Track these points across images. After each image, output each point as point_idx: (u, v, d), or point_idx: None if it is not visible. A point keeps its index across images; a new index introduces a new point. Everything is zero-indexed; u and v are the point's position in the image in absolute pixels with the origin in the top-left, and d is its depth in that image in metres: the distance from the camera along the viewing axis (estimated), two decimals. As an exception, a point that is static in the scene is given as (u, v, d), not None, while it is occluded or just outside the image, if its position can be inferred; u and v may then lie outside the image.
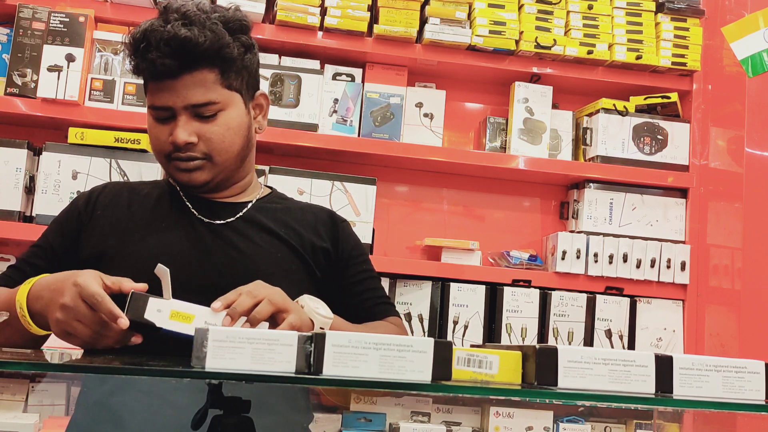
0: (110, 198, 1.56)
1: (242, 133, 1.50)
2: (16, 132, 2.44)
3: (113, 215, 1.52)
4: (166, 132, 1.46)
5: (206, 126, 1.45)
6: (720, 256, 2.49)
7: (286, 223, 1.55)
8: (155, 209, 1.53)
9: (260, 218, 1.54)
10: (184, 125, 1.44)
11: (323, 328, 1.27)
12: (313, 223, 1.57)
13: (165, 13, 1.44)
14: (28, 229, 2.24)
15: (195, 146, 1.45)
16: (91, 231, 1.51)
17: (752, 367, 0.97)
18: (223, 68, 1.46)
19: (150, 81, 1.46)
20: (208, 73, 1.44)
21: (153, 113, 1.47)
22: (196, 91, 1.43)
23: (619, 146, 2.60)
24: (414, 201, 2.72)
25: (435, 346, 0.91)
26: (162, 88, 1.44)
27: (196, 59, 1.42)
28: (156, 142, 1.48)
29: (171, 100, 1.44)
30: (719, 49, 2.60)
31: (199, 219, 1.50)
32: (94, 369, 1.00)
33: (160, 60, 1.40)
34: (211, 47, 1.42)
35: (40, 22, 2.35)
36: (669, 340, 2.55)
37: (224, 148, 1.47)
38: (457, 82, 2.75)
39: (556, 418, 2.46)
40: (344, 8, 2.49)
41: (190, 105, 1.43)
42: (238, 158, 1.51)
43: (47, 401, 2.27)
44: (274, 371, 0.87)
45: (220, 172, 1.49)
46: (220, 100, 1.45)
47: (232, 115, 1.48)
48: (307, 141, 2.45)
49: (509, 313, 2.48)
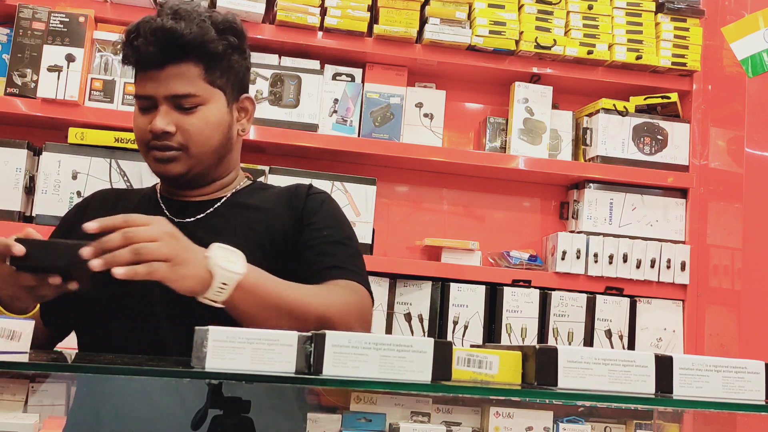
0: (99, 204, 1.61)
1: (221, 130, 1.52)
2: (16, 132, 2.44)
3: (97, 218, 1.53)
4: (147, 121, 1.49)
5: (185, 118, 1.48)
6: (720, 256, 2.49)
7: (256, 216, 1.53)
8: (133, 211, 1.53)
9: (230, 213, 1.55)
10: (164, 115, 1.47)
11: (226, 284, 1.23)
12: (283, 206, 1.55)
13: (160, 10, 1.50)
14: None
15: (172, 136, 1.48)
16: (76, 237, 1.51)
17: (752, 367, 0.97)
18: (208, 64, 1.49)
19: (137, 70, 1.51)
20: (192, 67, 1.48)
21: (138, 102, 1.52)
22: (178, 82, 1.47)
23: (619, 146, 2.60)
24: (414, 201, 2.72)
25: (435, 346, 0.91)
26: (146, 78, 1.48)
27: (180, 51, 1.46)
28: (138, 131, 1.52)
29: (153, 89, 1.48)
30: (719, 49, 2.60)
31: (170, 218, 1.51)
32: (94, 369, 1.01)
33: (144, 47, 1.45)
34: (194, 40, 1.46)
35: (40, 22, 2.35)
36: (669, 341, 2.55)
37: (201, 141, 1.49)
38: (457, 82, 2.75)
39: (556, 418, 2.46)
40: (344, 8, 2.49)
41: (171, 95, 1.47)
42: (215, 154, 1.53)
43: (47, 401, 2.27)
44: (274, 371, 0.87)
45: (195, 165, 1.51)
46: (201, 94, 1.49)
47: (212, 110, 1.51)
48: (307, 141, 2.45)
49: (509, 313, 2.48)
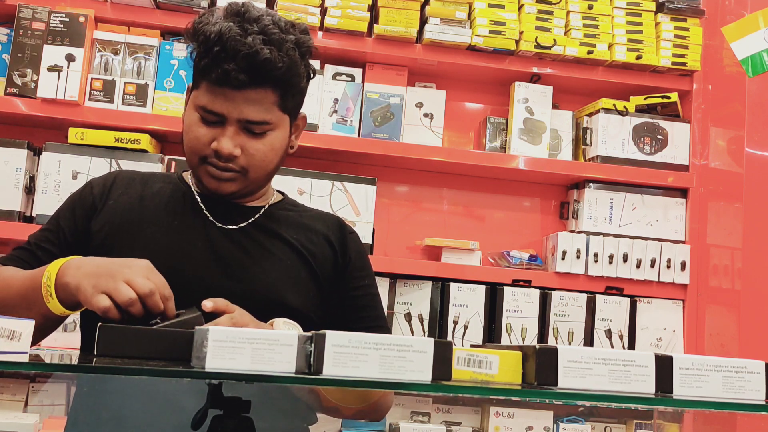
0: (123, 188, 1.54)
1: (281, 154, 1.50)
2: (16, 132, 2.44)
3: (125, 206, 1.51)
4: (210, 136, 1.42)
5: (252, 142, 1.43)
6: (720, 256, 2.49)
7: (297, 231, 1.55)
8: (167, 206, 1.52)
9: (272, 225, 1.53)
10: (232, 136, 1.41)
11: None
12: (322, 232, 1.57)
13: (240, 20, 1.39)
14: (28, 229, 2.24)
15: (236, 159, 1.43)
16: (103, 219, 1.49)
17: (752, 367, 0.97)
18: (285, 91, 1.43)
19: (209, 83, 1.41)
20: (270, 94, 1.41)
21: (200, 113, 1.43)
22: (255, 108, 1.40)
23: (619, 146, 2.60)
24: (414, 201, 2.72)
25: (435, 346, 0.91)
26: (220, 94, 1.39)
27: (266, 79, 1.39)
28: (195, 142, 1.44)
29: (227, 109, 1.40)
30: (719, 49, 2.60)
31: (212, 222, 1.50)
32: (94, 369, 1.00)
33: (234, 74, 1.36)
34: (286, 73, 1.40)
35: (40, 22, 2.35)
36: (669, 340, 2.55)
37: (262, 167, 1.46)
38: (457, 82, 2.75)
39: (556, 418, 2.46)
40: (344, 8, 2.49)
41: (244, 120, 1.41)
42: (269, 176, 1.51)
43: (47, 401, 2.27)
44: (274, 371, 0.87)
45: (248, 186, 1.48)
46: (274, 121, 1.44)
47: (278, 136, 1.46)
48: (307, 141, 2.45)
49: (509, 313, 2.49)
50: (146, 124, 2.37)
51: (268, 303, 1.42)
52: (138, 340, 1.02)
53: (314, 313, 1.49)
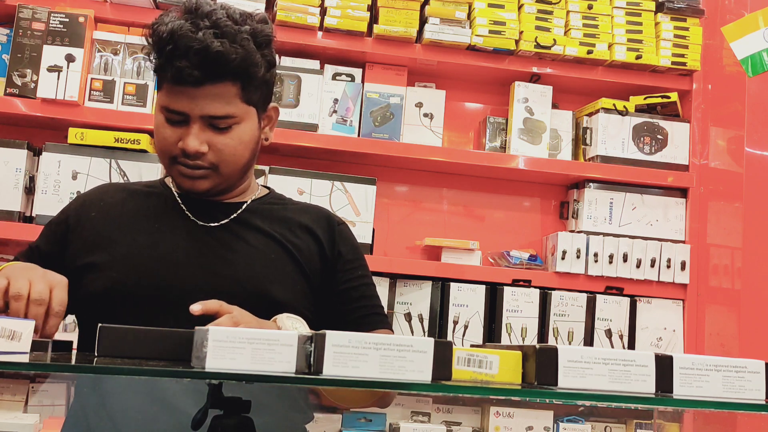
0: (103, 198, 1.56)
1: (251, 147, 1.49)
2: (16, 132, 2.44)
3: (107, 213, 1.52)
4: (176, 135, 1.43)
5: (219, 137, 1.43)
6: (720, 255, 2.49)
7: (281, 225, 1.54)
8: (149, 209, 1.53)
9: (254, 220, 1.53)
10: (197, 134, 1.42)
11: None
12: (308, 225, 1.56)
13: (193, 16, 1.40)
14: (27, 229, 2.24)
15: (204, 155, 1.43)
16: (80, 233, 1.51)
17: (752, 366, 0.97)
18: (246, 83, 1.43)
19: (168, 83, 1.42)
20: (230, 87, 1.41)
21: (165, 114, 1.44)
22: (216, 103, 1.41)
23: (619, 146, 2.60)
24: (414, 201, 2.72)
25: (435, 346, 0.91)
26: (180, 93, 1.40)
27: (222, 72, 1.39)
28: (164, 143, 1.45)
29: (188, 107, 1.41)
30: (719, 48, 2.60)
31: (194, 221, 1.50)
32: (94, 369, 1.00)
33: (188, 70, 1.36)
34: (241, 64, 1.40)
35: (40, 22, 2.35)
36: (669, 340, 2.55)
37: (233, 161, 1.46)
38: (457, 82, 2.75)
39: (556, 418, 2.46)
40: (344, 8, 2.49)
41: (207, 116, 1.41)
42: (243, 170, 1.51)
43: (47, 401, 2.27)
44: (274, 371, 0.87)
45: (223, 182, 1.49)
46: (238, 114, 1.44)
47: (245, 129, 1.46)
48: (307, 141, 2.45)
49: (509, 313, 2.49)
50: (146, 124, 2.36)
51: (254, 298, 1.41)
52: (138, 340, 1.03)
53: (304, 307, 1.48)
